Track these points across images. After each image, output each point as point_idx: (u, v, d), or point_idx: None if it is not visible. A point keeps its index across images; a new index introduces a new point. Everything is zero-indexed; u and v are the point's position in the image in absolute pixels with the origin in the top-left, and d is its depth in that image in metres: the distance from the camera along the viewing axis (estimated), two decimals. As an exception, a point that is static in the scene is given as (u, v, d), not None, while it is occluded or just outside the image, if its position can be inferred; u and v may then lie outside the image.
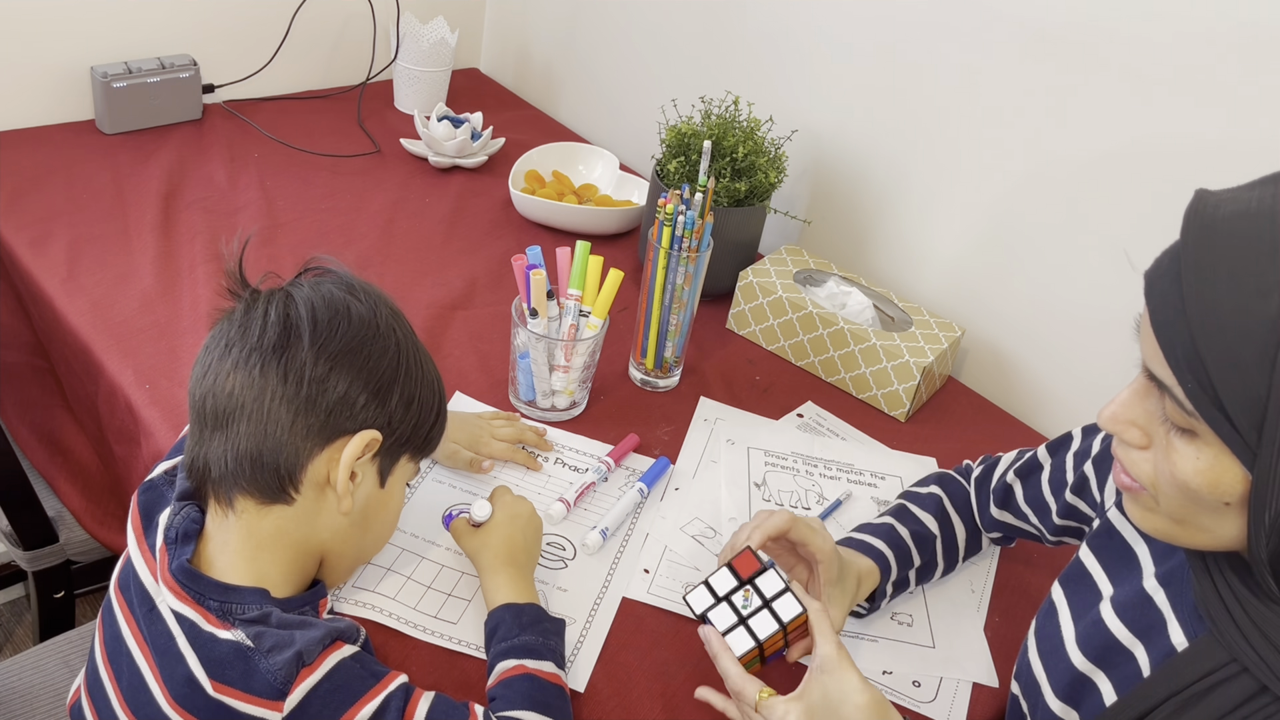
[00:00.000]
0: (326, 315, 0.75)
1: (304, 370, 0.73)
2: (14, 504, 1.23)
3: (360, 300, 0.78)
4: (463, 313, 1.34)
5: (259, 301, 0.76)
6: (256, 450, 0.74)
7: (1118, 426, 0.69)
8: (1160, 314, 0.62)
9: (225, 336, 0.75)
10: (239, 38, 1.67)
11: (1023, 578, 1.11)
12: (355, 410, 0.75)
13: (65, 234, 1.33)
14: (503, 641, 0.86)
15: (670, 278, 1.20)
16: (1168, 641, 0.73)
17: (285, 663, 0.71)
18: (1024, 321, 1.36)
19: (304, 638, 0.72)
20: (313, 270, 0.81)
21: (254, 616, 0.74)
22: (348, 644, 0.75)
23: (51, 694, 1.11)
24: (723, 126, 1.36)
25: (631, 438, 1.15)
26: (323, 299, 0.76)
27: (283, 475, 0.75)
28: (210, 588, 0.74)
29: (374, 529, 0.84)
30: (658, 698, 0.91)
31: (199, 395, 0.76)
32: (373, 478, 0.80)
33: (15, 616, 1.70)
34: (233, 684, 0.71)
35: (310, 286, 0.77)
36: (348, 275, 0.80)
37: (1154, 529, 0.70)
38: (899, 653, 0.99)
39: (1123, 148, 1.20)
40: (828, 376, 1.35)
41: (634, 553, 1.03)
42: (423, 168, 1.66)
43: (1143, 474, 0.68)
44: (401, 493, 0.85)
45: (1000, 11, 1.26)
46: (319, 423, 0.74)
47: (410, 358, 0.80)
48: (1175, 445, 0.64)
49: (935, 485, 1.06)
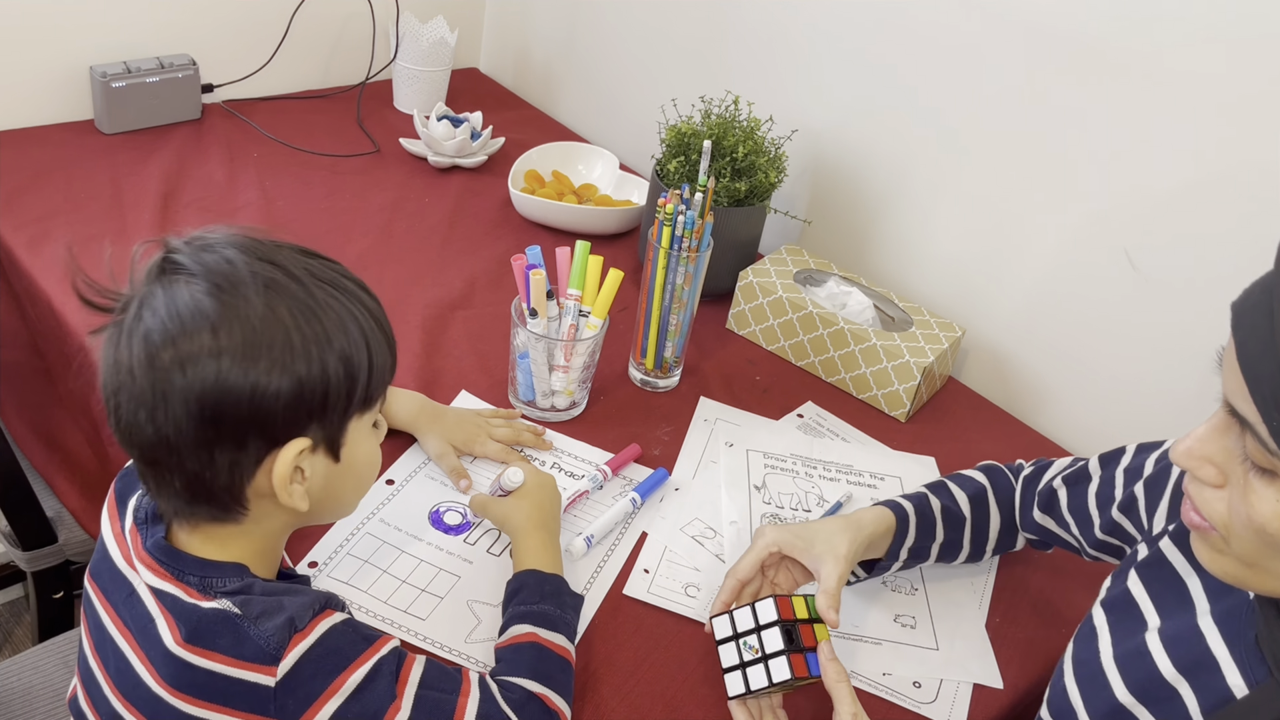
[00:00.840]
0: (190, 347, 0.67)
1: (191, 412, 0.67)
2: (13, 504, 1.23)
3: (228, 299, 0.68)
4: (462, 313, 1.34)
5: (120, 338, 0.69)
6: (189, 491, 0.71)
7: (1193, 463, 0.65)
8: (1248, 348, 0.59)
9: (112, 379, 0.70)
10: (238, 37, 1.67)
11: (1023, 578, 1.11)
12: (266, 426, 0.69)
13: (64, 233, 1.32)
14: (521, 605, 0.88)
15: (670, 278, 1.19)
16: (1222, 684, 0.70)
17: (277, 628, 0.70)
18: (1024, 322, 1.36)
19: (293, 603, 0.71)
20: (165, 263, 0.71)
21: (236, 588, 0.72)
22: (336, 611, 0.75)
23: (51, 694, 1.11)
24: (723, 126, 1.36)
25: (633, 448, 1.15)
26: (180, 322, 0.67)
27: (225, 503, 0.72)
28: (189, 563, 0.73)
29: (348, 487, 0.80)
30: (658, 697, 0.91)
31: (119, 431, 0.71)
32: (322, 461, 0.74)
33: (14, 617, 1.70)
34: (221, 650, 0.70)
35: (164, 306, 0.68)
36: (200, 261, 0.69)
37: (1222, 572, 0.67)
38: (902, 655, 0.99)
39: (1123, 148, 1.20)
40: (828, 377, 1.34)
41: (618, 562, 1.03)
42: (422, 167, 1.66)
43: (1215, 514, 0.64)
44: (368, 440, 0.78)
45: (1001, 11, 1.26)
46: (235, 455, 0.69)
47: (301, 329, 0.69)
48: (1254, 486, 0.61)
49: (982, 474, 1.05)
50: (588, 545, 1.02)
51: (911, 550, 0.98)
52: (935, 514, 0.99)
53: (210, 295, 0.68)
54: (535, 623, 0.86)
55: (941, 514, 1.00)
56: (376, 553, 0.98)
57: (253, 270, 0.69)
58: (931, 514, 0.99)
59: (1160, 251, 1.21)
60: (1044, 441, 1.34)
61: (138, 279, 0.71)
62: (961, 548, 1.02)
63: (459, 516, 1.04)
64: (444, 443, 1.08)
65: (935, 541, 0.99)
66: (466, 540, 1.01)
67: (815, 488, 1.16)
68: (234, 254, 0.70)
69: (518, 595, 0.89)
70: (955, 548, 1.02)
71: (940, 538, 0.99)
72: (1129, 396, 1.28)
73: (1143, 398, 1.27)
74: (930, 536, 0.99)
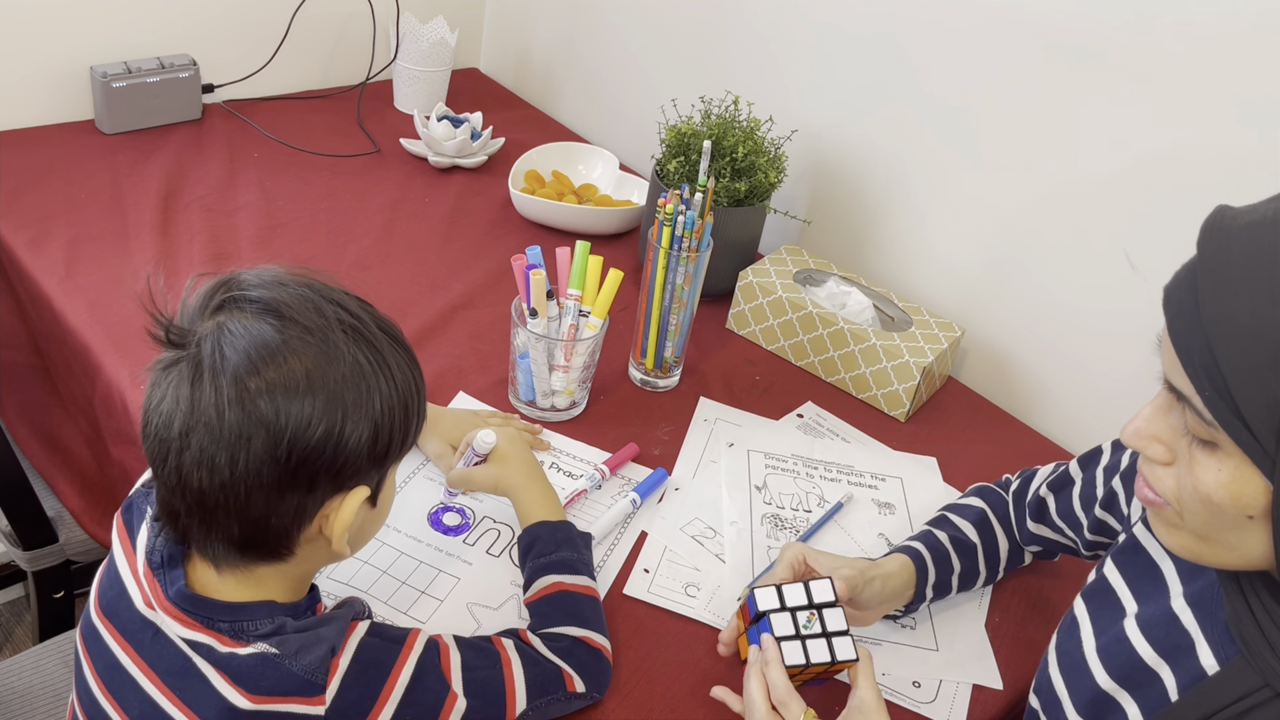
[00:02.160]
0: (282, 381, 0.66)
1: (276, 454, 0.66)
2: (13, 504, 1.23)
3: (310, 341, 0.67)
4: (463, 313, 1.34)
5: (202, 374, 0.66)
6: (242, 538, 0.70)
7: (1141, 442, 0.68)
8: (1177, 324, 0.62)
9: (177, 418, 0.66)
10: (239, 38, 1.67)
11: (1022, 578, 1.11)
12: (339, 471, 0.69)
13: (64, 234, 1.32)
14: (541, 557, 0.91)
15: (670, 278, 1.20)
16: (1196, 664, 0.71)
17: (318, 659, 0.70)
18: (1024, 321, 1.36)
19: (330, 631, 0.72)
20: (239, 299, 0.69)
21: (268, 630, 0.72)
22: (360, 620, 0.75)
23: (51, 694, 1.11)
24: (723, 126, 1.36)
25: (630, 447, 1.15)
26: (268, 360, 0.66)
27: (273, 548, 0.71)
28: (217, 610, 0.72)
29: (374, 528, 0.83)
30: (659, 697, 0.91)
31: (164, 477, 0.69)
32: (365, 508, 0.74)
33: (15, 616, 1.70)
34: (268, 691, 0.69)
35: (247, 342, 0.66)
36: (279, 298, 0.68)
37: (1178, 546, 0.69)
38: (902, 656, 0.99)
39: (1124, 148, 1.20)
40: (828, 376, 1.35)
41: (617, 562, 1.03)
42: (422, 168, 1.66)
43: (1166, 489, 0.67)
44: (393, 488, 0.80)
45: (1001, 11, 1.26)
46: (304, 499, 0.69)
47: (382, 378, 0.70)
48: (1197, 458, 0.63)
49: (976, 497, 1.06)
50: None
51: (935, 586, 0.99)
52: (946, 546, 1.00)
53: (294, 333, 0.67)
54: (559, 571, 0.89)
55: (952, 545, 1.00)
56: (376, 554, 0.98)
57: (337, 315, 0.69)
58: (943, 547, 1.00)
59: (1160, 252, 1.21)
60: (1043, 441, 1.34)
61: (193, 310, 0.70)
62: (979, 573, 1.03)
63: (458, 518, 1.04)
64: (443, 443, 1.08)
65: (954, 573, 1.00)
66: (466, 541, 1.02)
67: (816, 488, 1.16)
68: (309, 294, 0.70)
69: (534, 548, 0.92)
70: (974, 575, 1.02)
71: (958, 568, 1.00)
72: (1128, 396, 1.28)
73: (1141, 397, 1.26)
74: (948, 569, 1.00)
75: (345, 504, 0.71)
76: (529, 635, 0.84)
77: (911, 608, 1.00)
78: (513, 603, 0.96)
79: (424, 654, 0.75)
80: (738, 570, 1.04)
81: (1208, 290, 0.60)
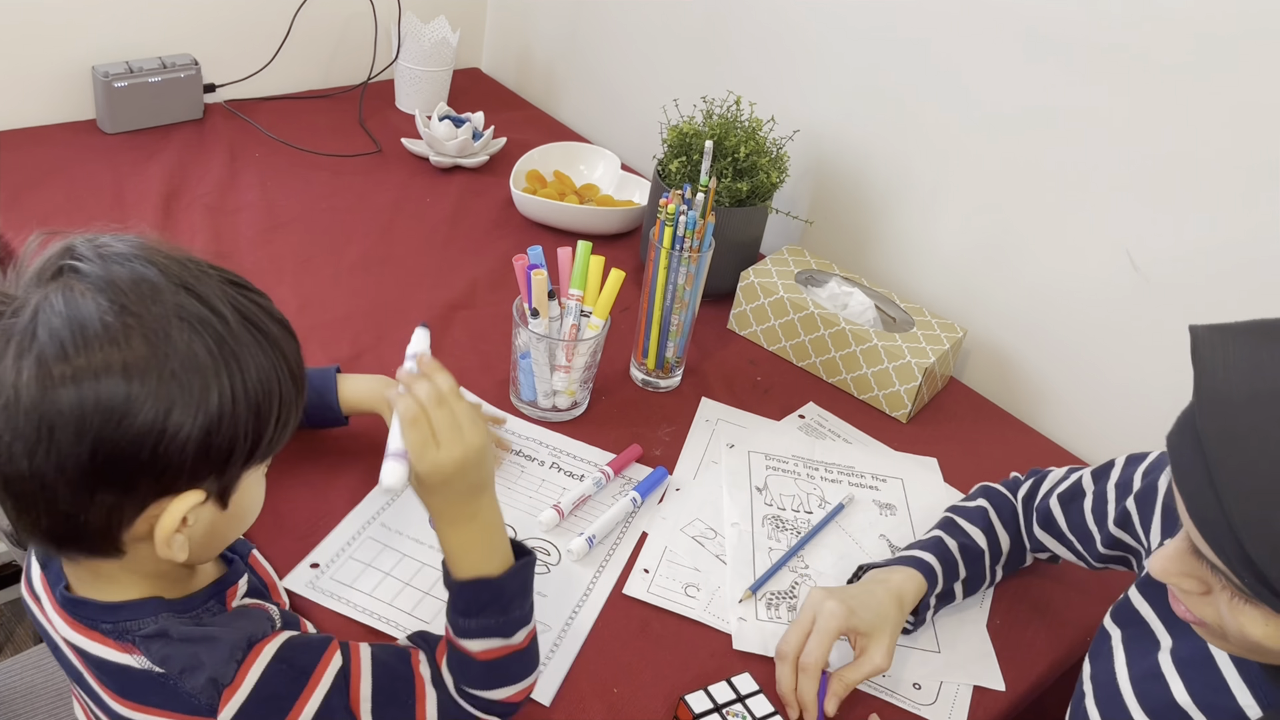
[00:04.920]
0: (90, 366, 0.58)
1: (81, 450, 0.59)
2: (14, 504, 1.23)
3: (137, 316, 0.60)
4: (464, 313, 1.34)
5: (8, 351, 0.59)
6: (57, 535, 0.64)
7: (1172, 580, 0.66)
8: (1198, 509, 0.60)
9: None
10: (240, 37, 1.67)
11: (1024, 580, 1.11)
12: (162, 471, 0.62)
13: (65, 233, 1.32)
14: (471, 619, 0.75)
15: (672, 278, 1.19)
16: (1235, 704, 0.71)
17: (203, 687, 0.66)
18: (1026, 322, 1.36)
19: (211, 657, 0.66)
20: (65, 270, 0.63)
21: (151, 632, 0.67)
22: (264, 642, 0.69)
23: (53, 693, 1.11)
24: (724, 126, 1.36)
25: (634, 448, 1.14)
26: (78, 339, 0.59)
27: (99, 546, 0.65)
28: (97, 611, 0.68)
29: (231, 531, 0.72)
30: (660, 697, 0.91)
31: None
32: (209, 510, 0.67)
33: (16, 616, 1.70)
34: (157, 706, 0.67)
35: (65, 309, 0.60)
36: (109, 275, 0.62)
37: (1227, 649, 0.69)
38: (904, 658, 0.99)
39: (1126, 147, 1.20)
40: (829, 377, 1.34)
41: (619, 563, 1.02)
42: (424, 167, 1.66)
43: (1208, 616, 0.66)
44: (258, 485, 0.71)
45: (1003, 11, 1.26)
46: (119, 498, 0.62)
47: (219, 372, 0.62)
48: (1240, 608, 0.62)
49: (982, 499, 1.06)
50: (589, 545, 1.02)
51: (939, 595, 0.99)
52: (955, 555, 1.00)
53: (119, 316, 0.60)
54: (494, 634, 0.75)
55: (960, 553, 1.00)
56: (379, 556, 0.98)
57: (176, 300, 0.62)
58: (952, 556, 1.00)
59: (1162, 252, 1.21)
60: (1045, 442, 1.34)
61: (29, 276, 0.63)
62: (984, 578, 1.03)
63: None
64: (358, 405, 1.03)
65: (959, 579, 1.00)
66: None
67: (817, 489, 1.16)
68: (153, 274, 0.62)
69: (457, 606, 0.76)
70: (979, 580, 1.03)
71: (963, 574, 1.01)
72: (1130, 396, 1.28)
73: (1144, 398, 1.27)
74: (954, 577, 1.00)
75: (172, 507, 0.63)
76: (451, 691, 0.75)
77: (918, 619, 0.99)
78: None
79: (331, 689, 0.70)
80: (738, 572, 1.04)
81: (1225, 484, 0.58)
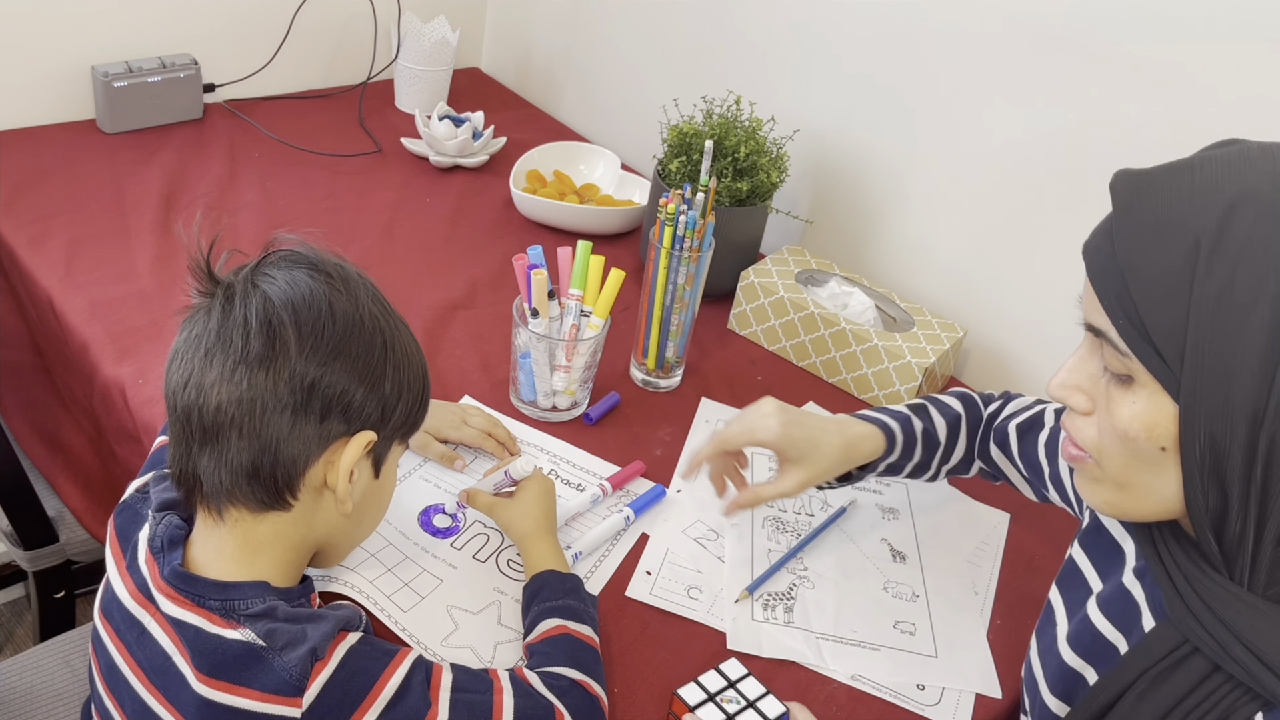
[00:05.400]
0: (310, 317, 0.72)
1: (295, 378, 0.71)
2: (14, 504, 1.23)
3: (340, 291, 0.74)
4: (464, 313, 1.34)
5: (234, 303, 0.72)
6: (252, 464, 0.72)
7: (1065, 393, 0.71)
8: (1095, 265, 0.67)
9: (203, 343, 0.72)
10: (240, 37, 1.67)
11: (1024, 581, 1.11)
12: (350, 411, 0.74)
13: (64, 233, 1.32)
14: (546, 602, 0.90)
15: (672, 278, 1.19)
16: (1141, 630, 0.75)
17: (300, 659, 0.70)
18: (1026, 322, 1.36)
19: (316, 632, 0.72)
20: (279, 253, 0.77)
21: (259, 611, 0.72)
22: (353, 631, 0.75)
23: (52, 694, 1.11)
24: (724, 126, 1.36)
25: (637, 464, 1.13)
26: (303, 298, 0.72)
27: (280, 485, 0.73)
28: (208, 587, 0.73)
29: (369, 517, 0.84)
30: (663, 699, 0.90)
31: (181, 407, 0.73)
32: (368, 471, 0.79)
33: (16, 616, 1.70)
34: (245, 684, 0.70)
35: (285, 281, 0.73)
36: (318, 257, 0.76)
37: (1102, 501, 0.72)
38: (901, 662, 0.98)
39: (1127, 148, 1.20)
40: (829, 377, 1.34)
41: (607, 572, 1.02)
42: (424, 167, 1.65)
43: (1088, 439, 0.70)
44: (394, 477, 0.85)
45: (1004, 11, 1.26)
46: (314, 430, 0.73)
47: (396, 345, 0.77)
48: (1114, 397, 0.67)
49: (958, 401, 1.08)
50: (574, 560, 1.01)
51: (889, 467, 1.02)
52: (917, 437, 1.03)
53: (327, 282, 0.74)
54: (564, 616, 0.88)
55: (921, 437, 1.03)
56: (383, 550, 0.98)
57: (360, 276, 0.77)
58: (914, 437, 1.03)
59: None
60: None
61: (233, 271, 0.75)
62: (929, 469, 1.06)
63: (448, 520, 1.03)
64: (421, 432, 1.06)
65: (911, 461, 1.03)
66: (453, 545, 1.01)
67: (819, 492, 1.16)
68: (338, 260, 0.77)
69: (540, 594, 0.91)
70: (924, 469, 1.05)
71: (916, 458, 1.03)
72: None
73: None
74: (909, 457, 1.03)
75: (350, 447, 0.74)
76: (525, 672, 0.82)
77: (855, 477, 1.02)
78: (493, 609, 0.95)
79: (412, 669, 0.75)
80: (736, 573, 1.04)
81: (1121, 230, 0.65)
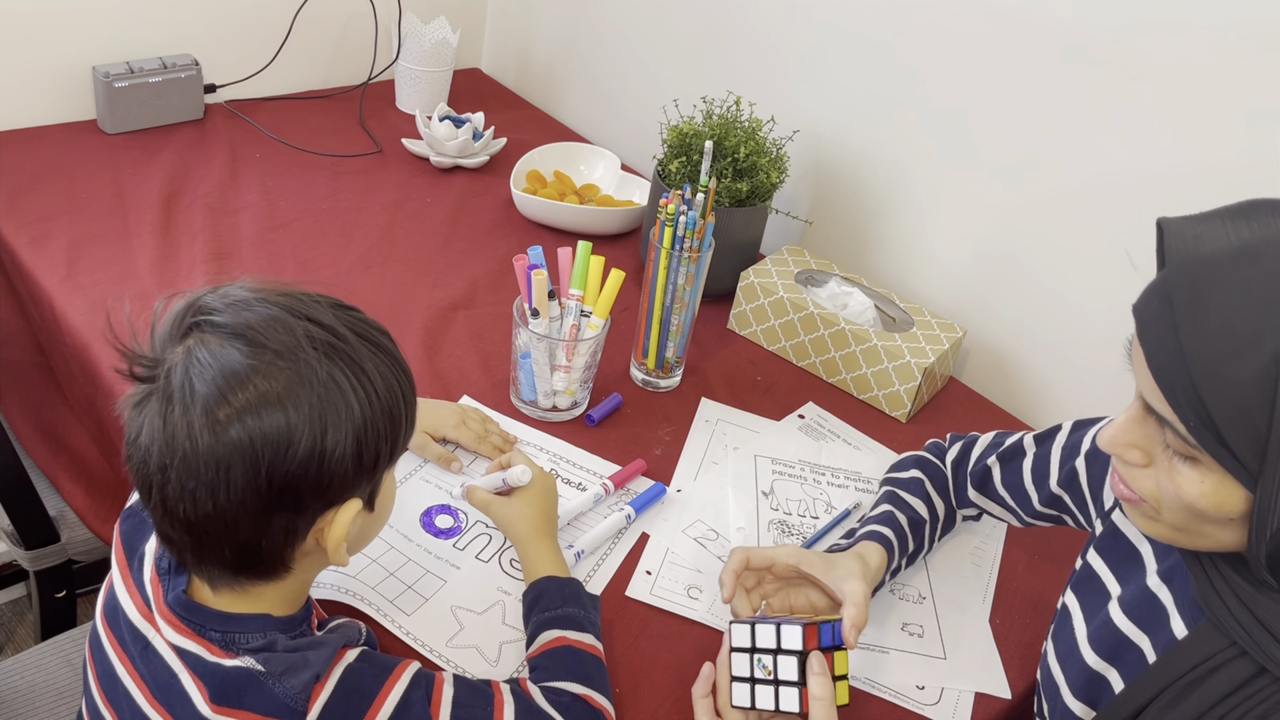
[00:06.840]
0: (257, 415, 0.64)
1: (259, 484, 0.65)
2: (16, 503, 1.23)
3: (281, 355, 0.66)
4: (464, 313, 1.34)
5: (174, 409, 0.65)
6: (235, 560, 0.70)
7: (1118, 449, 0.72)
8: (1158, 358, 0.65)
9: (156, 448, 0.65)
10: (241, 38, 1.67)
11: (1025, 581, 1.11)
12: (329, 491, 0.69)
13: (65, 233, 1.33)
14: (545, 611, 0.88)
15: (671, 278, 1.19)
16: (1170, 632, 0.76)
17: (302, 684, 0.69)
18: (1026, 322, 1.36)
19: (318, 658, 0.71)
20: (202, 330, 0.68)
21: (259, 645, 0.71)
22: (351, 647, 0.75)
23: (53, 693, 1.11)
24: (724, 127, 1.36)
25: (638, 463, 1.13)
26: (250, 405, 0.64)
27: (267, 568, 0.71)
28: (210, 618, 0.72)
29: (375, 530, 0.83)
30: (664, 698, 0.91)
31: (153, 501, 0.68)
32: (361, 516, 0.74)
33: (17, 616, 1.70)
34: (247, 708, 0.69)
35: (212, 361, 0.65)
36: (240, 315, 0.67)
37: (1156, 534, 0.73)
38: (909, 664, 0.98)
39: (1126, 148, 1.20)
40: (829, 377, 1.34)
41: (609, 570, 1.02)
42: (424, 168, 1.66)
43: (1145, 490, 0.71)
44: (391, 483, 0.80)
45: (1004, 14, 1.26)
46: (295, 519, 0.69)
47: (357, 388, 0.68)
48: (1179, 469, 0.67)
49: (915, 469, 1.07)
50: (577, 559, 1.01)
51: (892, 571, 1.01)
52: (907, 531, 1.02)
53: (260, 355, 0.66)
54: (563, 626, 0.87)
55: (910, 527, 1.02)
56: (385, 555, 0.98)
57: (304, 330, 0.67)
58: (905, 532, 1.01)
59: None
60: (1045, 442, 1.34)
61: (162, 337, 0.69)
62: (924, 547, 1.05)
63: (450, 520, 1.04)
64: (419, 432, 1.07)
65: (908, 553, 1.02)
66: (456, 545, 1.01)
67: (823, 494, 1.16)
68: (277, 311, 0.68)
69: (539, 603, 0.90)
70: (920, 549, 1.05)
71: (911, 548, 1.02)
72: (1129, 397, 1.28)
73: (1144, 399, 1.27)
74: (904, 552, 1.01)
75: (338, 518, 0.70)
76: (528, 685, 0.81)
77: None
78: (497, 609, 0.95)
79: (412, 685, 0.74)
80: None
81: (1190, 335, 0.62)
